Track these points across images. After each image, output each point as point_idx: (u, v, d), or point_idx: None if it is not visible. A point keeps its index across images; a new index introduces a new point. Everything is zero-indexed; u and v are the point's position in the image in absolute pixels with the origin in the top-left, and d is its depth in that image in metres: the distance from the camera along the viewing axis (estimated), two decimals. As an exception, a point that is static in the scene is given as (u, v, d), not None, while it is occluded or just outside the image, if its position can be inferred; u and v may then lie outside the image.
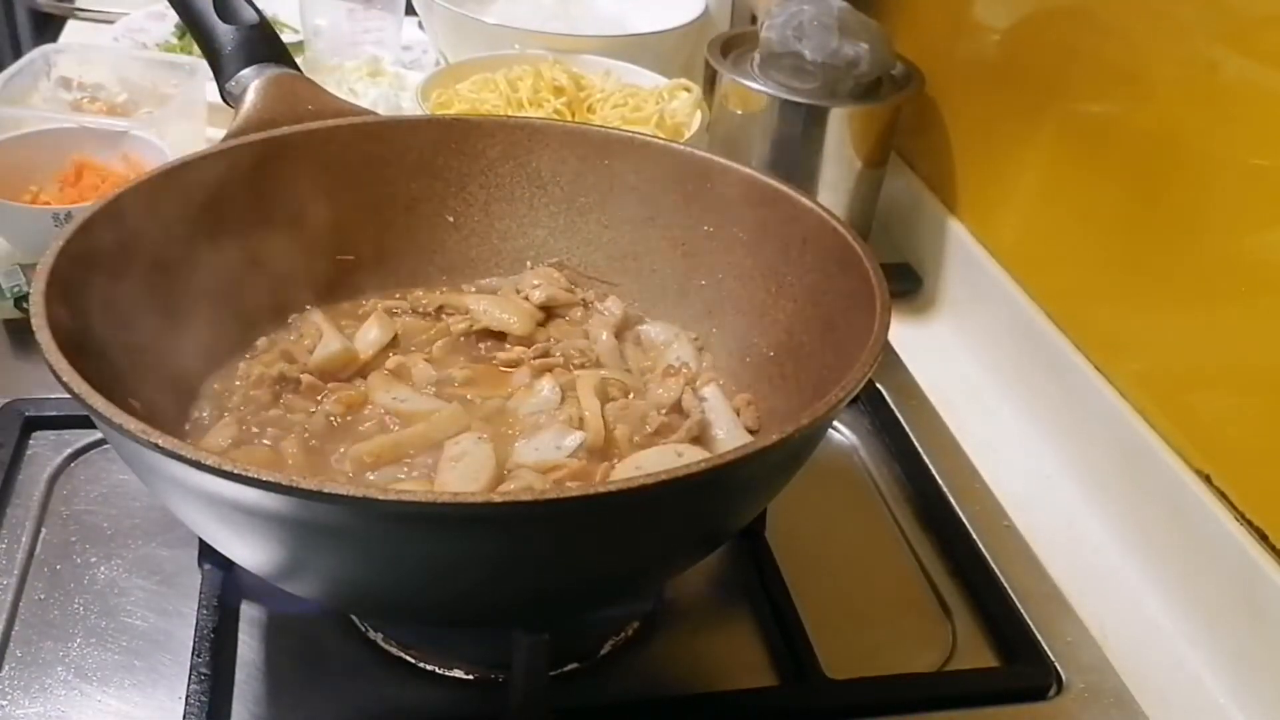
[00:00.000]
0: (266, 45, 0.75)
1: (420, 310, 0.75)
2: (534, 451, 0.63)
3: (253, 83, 0.73)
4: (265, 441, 0.63)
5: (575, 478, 0.61)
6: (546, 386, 0.67)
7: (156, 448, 0.45)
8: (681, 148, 0.75)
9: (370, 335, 0.71)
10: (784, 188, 0.70)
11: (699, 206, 0.74)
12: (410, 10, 1.30)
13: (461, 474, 0.60)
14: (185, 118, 1.07)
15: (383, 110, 1.13)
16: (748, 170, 0.72)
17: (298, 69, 0.76)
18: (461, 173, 0.76)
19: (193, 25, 0.76)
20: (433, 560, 0.49)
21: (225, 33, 0.74)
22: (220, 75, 0.74)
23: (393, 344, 0.72)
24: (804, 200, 0.68)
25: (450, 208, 0.77)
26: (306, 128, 0.72)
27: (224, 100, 0.74)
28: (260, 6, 0.77)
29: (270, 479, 0.44)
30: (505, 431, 0.65)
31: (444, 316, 0.74)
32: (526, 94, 1.08)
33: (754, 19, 1.22)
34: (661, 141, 0.76)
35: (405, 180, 0.76)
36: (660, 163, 0.74)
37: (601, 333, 0.73)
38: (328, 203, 0.73)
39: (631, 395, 0.69)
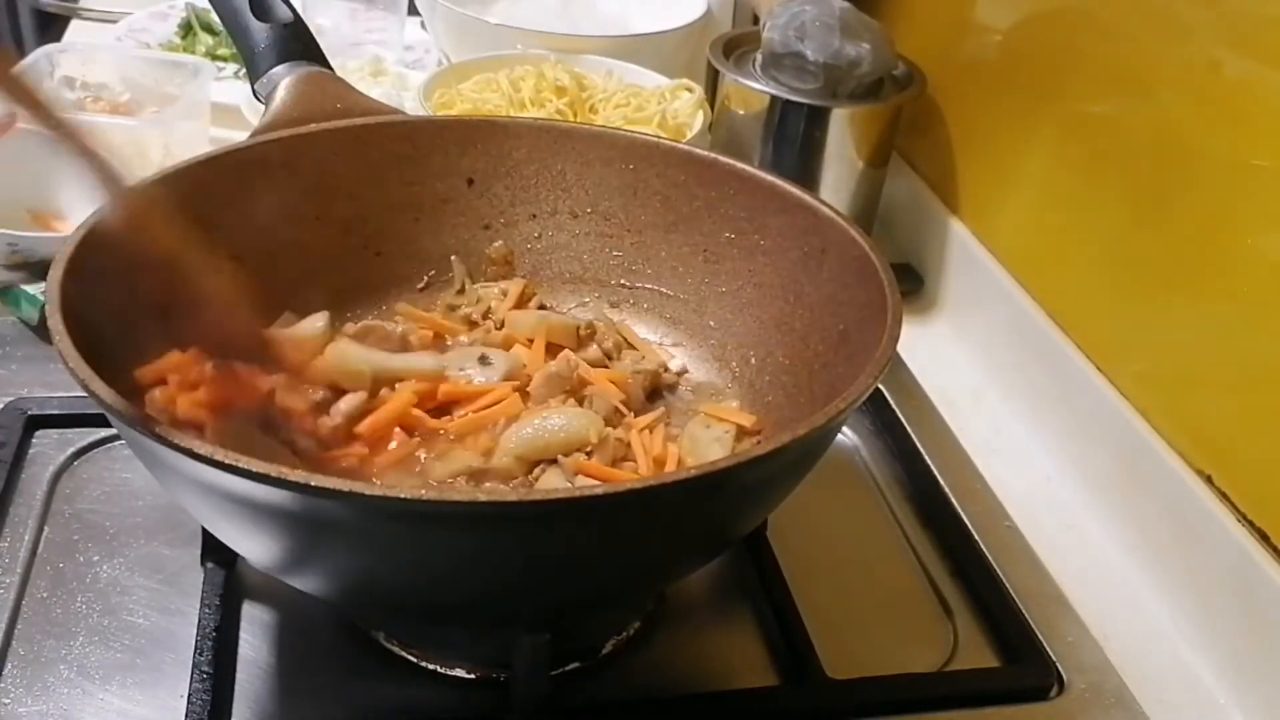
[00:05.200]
0: (300, 43, 0.75)
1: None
2: None
3: (284, 80, 0.73)
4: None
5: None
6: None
7: (163, 440, 0.45)
8: (705, 154, 0.75)
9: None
10: (806, 196, 0.70)
11: (721, 213, 0.74)
12: (412, 10, 1.30)
13: None
14: (190, 117, 1.07)
15: (385, 110, 1.13)
16: (770, 178, 0.72)
17: (330, 68, 0.76)
18: (487, 174, 0.77)
19: (228, 22, 0.76)
20: (431, 558, 0.50)
21: (259, 30, 0.74)
22: (253, 72, 0.74)
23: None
24: (825, 210, 0.68)
25: (475, 208, 0.77)
26: (333, 125, 0.72)
27: (255, 97, 0.75)
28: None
29: (274, 473, 0.44)
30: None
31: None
32: (529, 94, 1.08)
33: (756, 19, 1.22)
34: (685, 147, 0.76)
35: (432, 180, 0.76)
36: (684, 168, 0.74)
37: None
38: (353, 201, 0.74)
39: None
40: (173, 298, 0.64)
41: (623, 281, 0.78)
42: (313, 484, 0.44)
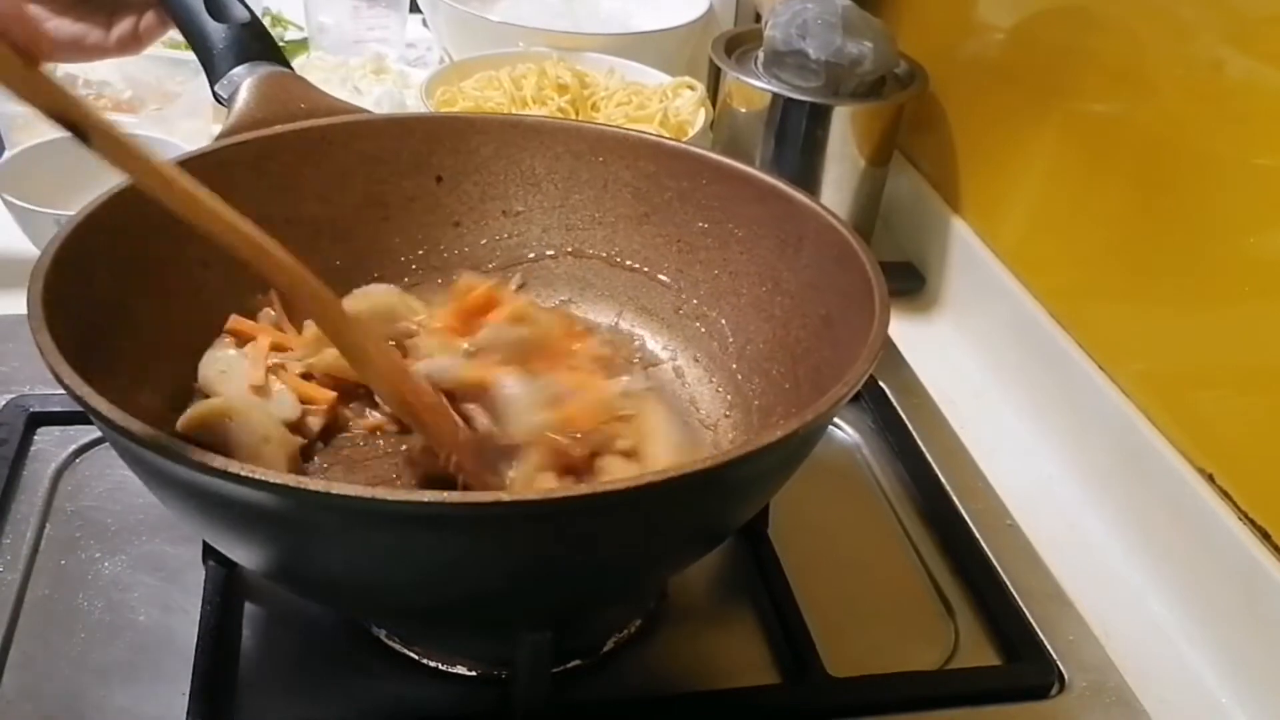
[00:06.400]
0: (258, 43, 0.75)
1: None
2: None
3: (245, 81, 0.73)
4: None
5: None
6: None
7: (147, 444, 0.45)
8: (675, 144, 0.75)
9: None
10: (780, 184, 0.70)
11: (694, 203, 0.74)
12: (415, 8, 1.31)
13: None
14: (192, 115, 1.07)
15: (387, 108, 1.13)
16: (742, 166, 0.72)
17: (290, 67, 0.76)
18: (456, 171, 0.76)
19: (183, 24, 0.76)
20: (426, 560, 0.49)
21: (216, 31, 0.74)
22: (212, 74, 0.74)
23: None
24: (800, 197, 0.68)
25: (445, 205, 0.77)
26: (299, 126, 0.72)
27: (216, 99, 0.74)
28: (264, 3, 0.77)
29: (262, 477, 0.43)
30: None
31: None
32: (530, 92, 1.08)
33: (758, 17, 1.22)
34: (654, 138, 0.76)
35: (399, 178, 0.76)
36: (654, 160, 0.74)
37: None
38: (322, 202, 0.73)
39: None
40: (158, 296, 0.64)
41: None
42: (307, 488, 0.43)
